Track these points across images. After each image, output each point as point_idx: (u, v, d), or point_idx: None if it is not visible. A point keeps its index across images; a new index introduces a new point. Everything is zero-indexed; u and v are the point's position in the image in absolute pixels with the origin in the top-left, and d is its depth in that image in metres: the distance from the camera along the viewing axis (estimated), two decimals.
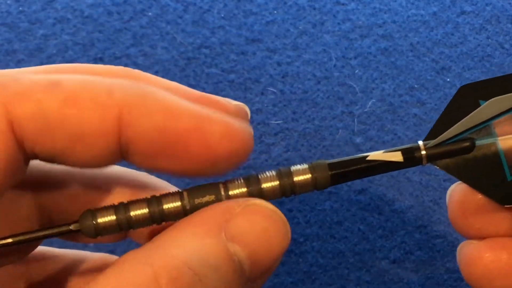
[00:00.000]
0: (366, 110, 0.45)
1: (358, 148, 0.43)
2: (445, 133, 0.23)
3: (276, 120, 0.44)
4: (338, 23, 0.48)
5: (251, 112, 0.45)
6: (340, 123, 0.44)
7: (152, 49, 0.46)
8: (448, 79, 0.46)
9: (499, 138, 0.23)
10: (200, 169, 0.21)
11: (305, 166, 0.22)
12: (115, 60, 0.46)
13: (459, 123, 0.23)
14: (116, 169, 0.25)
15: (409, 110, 0.44)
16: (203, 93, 0.23)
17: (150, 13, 0.48)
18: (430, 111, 0.44)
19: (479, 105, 0.23)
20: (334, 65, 0.46)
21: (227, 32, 0.47)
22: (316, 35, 0.47)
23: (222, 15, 0.48)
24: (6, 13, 0.47)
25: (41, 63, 0.46)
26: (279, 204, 0.44)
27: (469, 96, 0.24)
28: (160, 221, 0.22)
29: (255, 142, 0.44)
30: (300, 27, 0.47)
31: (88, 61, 0.46)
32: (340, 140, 0.44)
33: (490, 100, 0.23)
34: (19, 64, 0.46)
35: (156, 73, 0.45)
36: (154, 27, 0.47)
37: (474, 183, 0.23)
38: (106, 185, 0.24)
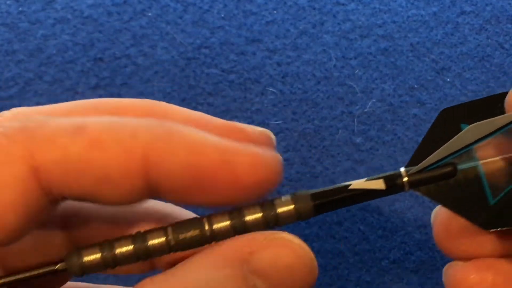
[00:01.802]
0: (366, 110, 0.45)
1: (358, 148, 0.43)
2: (426, 159, 0.23)
3: (276, 120, 0.44)
4: (338, 23, 0.48)
5: (251, 112, 0.45)
6: (340, 123, 0.44)
7: (152, 49, 0.46)
8: (448, 79, 0.46)
9: (481, 162, 0.23)
10: (232, 200, 0.22)
11: (287, 197, 0.22)
12: (115, 60, 0.46)
13: (440, 148, 0.23)
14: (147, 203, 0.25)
15: (409, 110, 0.44)
16: (227, 122, 0.23)
17: (150, 13, 0.48)
18: (430, 111, 0.44)
19: (460, 129, 0.23)
20: (334, 65, 0.46)
21: (227, 32, 0.47)
22: (316, 35, 0.47)
23: (222, 15, 0.48)
24: (6, 13, 0.47)
25: (41, 63, 0.46)
26: None
27: (450, 120, 0.24)
28: (145, 257, 0.22)
29: None
30: (300, 27, 0.47)
31: (88, 61, 0.46)
32: (340, 140, 0.44)
33: (470, 125, 0.23)
34: (19, 64, 0.46)
35: (156, 73, 0.46)
36: (154, 27, 0.47)
37: (457, 208, 0.23)
38: (136, 218, 0.24)
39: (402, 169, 0.23)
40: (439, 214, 0.25)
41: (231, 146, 0.21)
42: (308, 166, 0.43)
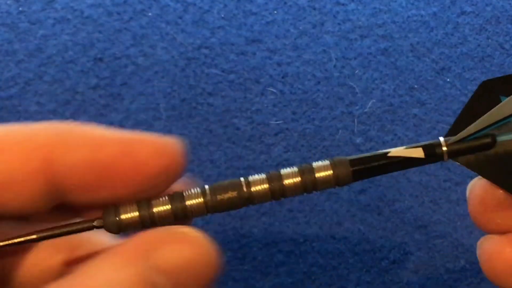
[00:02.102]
0: (366, 110, 0.45)
1: (358, 149, 0.43)
2: (466, 130, 0.23)
3: (276, 120, 0.44)
4: (338, 24, 0.48)
5: (251, 112, 0.45)
6: (340, 124, 0.44)
7: (152, 49, 0.46)
8: (448, 80, 0.46)
9: None
10: (138, 192, 0.21)
11: (326, 162, 0.22)
12: (115, 60, 0.46)
13: (480, 119, 0.23)
14: None
15: (409, 111, 0.44)
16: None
17: (150, 13, 0.48)
18: (430, 111, 0.44)
19: (500, 101, 0.23)
20: (334, 66, 0.46)
21: (227, 32, 0.47)
22: (316, 35, 0.47)
23: (222, 15, 0.48)
24: (6, 13, 0.47)
25: (41, 63, 0.46)
26: (278, 204, 0.44)
27: (490, 92, 0.24)
28: (183, 217, 0.22)
29: (255, 142, 0.44)
30: (300, 28, 0.47)
31: (88, 61, 0.46)
32: (340, 140, 0.44)
33: (509, 97, 0.23)
34: (19, 64, 0.46)
35: (156, 73, 0.46)
36: (154, 27, 0.47)
37: (495, 179, 0.23)
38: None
39: (441, 139, 0.23)
40: (475, 188, 0.25)
41: (130, 137, 0.21)
42: None
